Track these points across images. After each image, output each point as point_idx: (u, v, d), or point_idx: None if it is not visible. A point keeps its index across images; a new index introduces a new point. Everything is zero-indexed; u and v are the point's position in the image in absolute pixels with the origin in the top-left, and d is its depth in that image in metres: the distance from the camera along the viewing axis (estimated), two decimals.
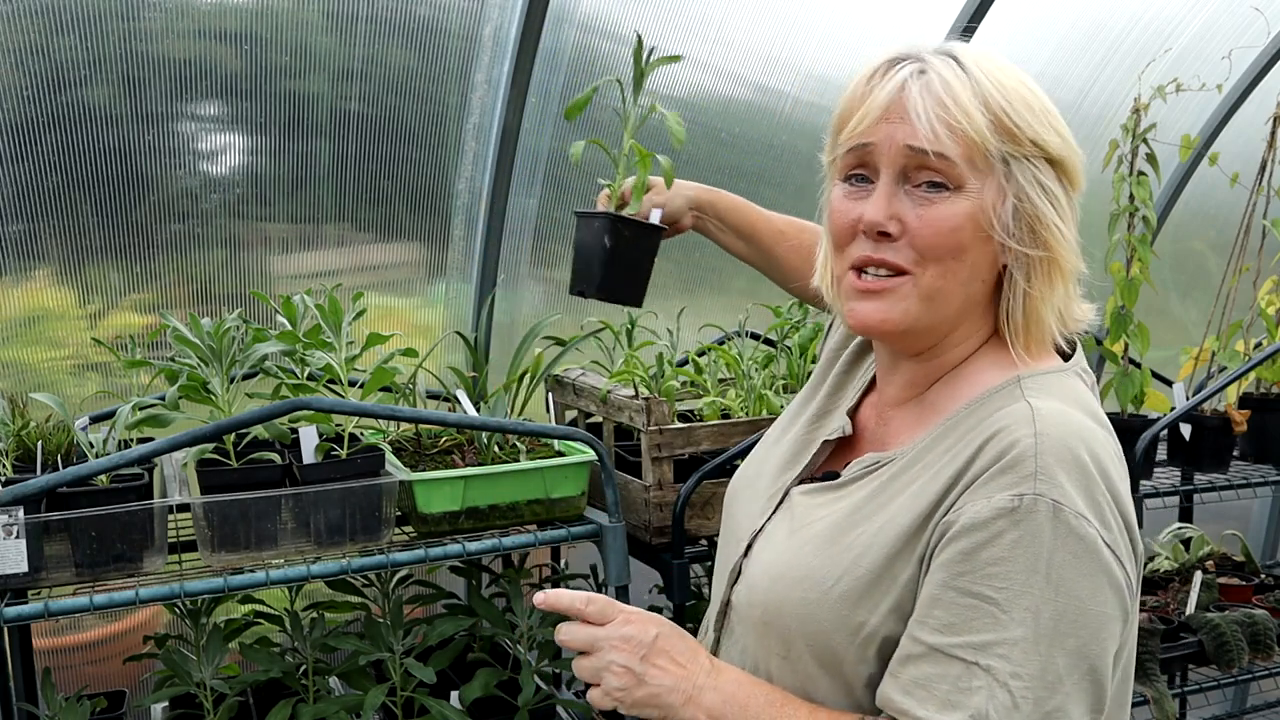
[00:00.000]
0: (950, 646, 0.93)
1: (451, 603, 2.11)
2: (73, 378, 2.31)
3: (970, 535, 0.93)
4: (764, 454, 1.29)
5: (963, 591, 0.93)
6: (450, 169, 2.57)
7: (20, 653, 1.85)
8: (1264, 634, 2.44)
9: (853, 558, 1.02)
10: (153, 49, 2.17)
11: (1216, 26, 3.32)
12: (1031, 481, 0.93)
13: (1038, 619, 0.91)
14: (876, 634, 1.00)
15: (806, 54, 2.87)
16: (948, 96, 0.99)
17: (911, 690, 0.95)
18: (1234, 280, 2.59)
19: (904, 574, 0.99)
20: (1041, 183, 1.02)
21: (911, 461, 1.05)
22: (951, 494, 0.98)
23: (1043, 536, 0.91)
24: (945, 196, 1.01)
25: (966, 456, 0.99)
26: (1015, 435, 0.96)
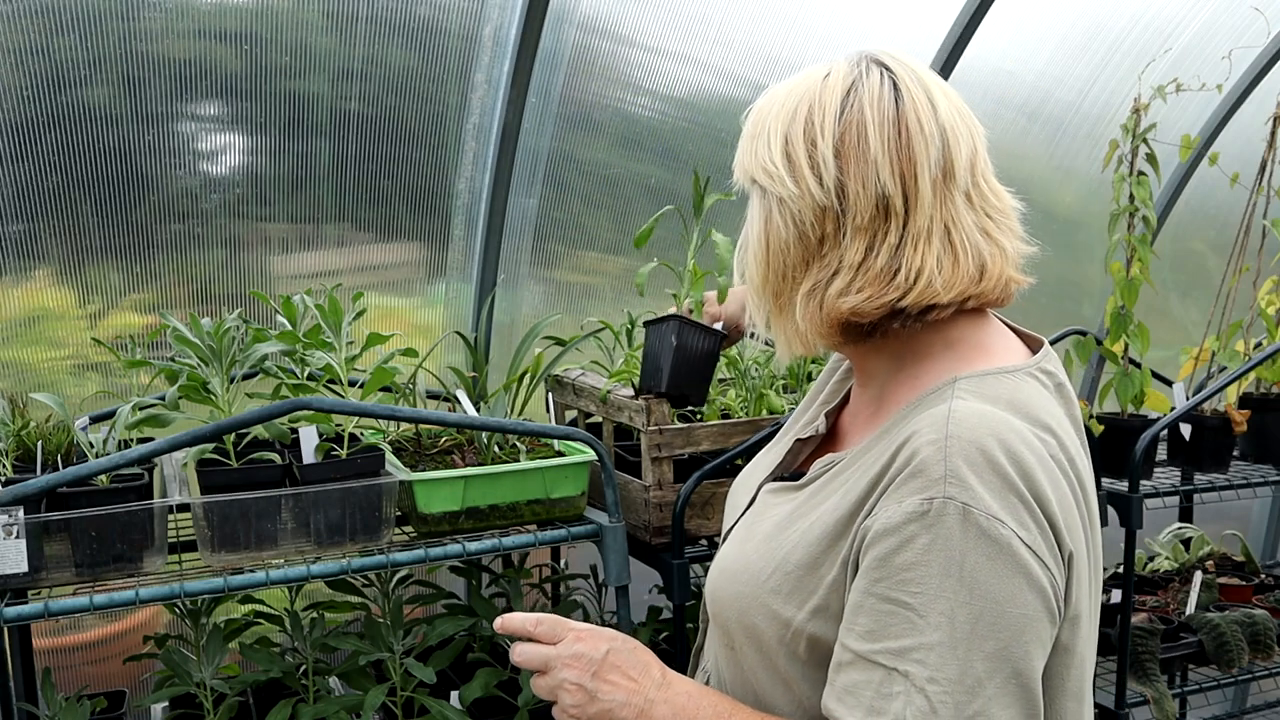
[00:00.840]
0: (872, 653, 0.93)
1: (451, 603, 2.11)
2: (73, 378, 2.31)
3: (884, 541, 0.94)
4: (762, 456, 1.32)
5: (881, 598, 0.94)
6: (450, 169, 2.57)
7: (20, 653, 1.85)
8: (1264, 634, 2.44)
9: (784, 554, 1.05)
10: (153, 49, 2.17)
11: (1216, 26, 3.32)
12: (941, 485, 0.93)
13: (953, 622, 0.90)
14: (803, 632, 1.02)
15: (807, 54, 2.87)
16: None
17: (843, 698, 0.95)
18: (1234, 280, 2.59)
19: (828, 575, 1.01)
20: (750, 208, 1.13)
21: (850, 462, 1.07)
22: (871, 497, 0.99)
23: (954, 540, 0.91)
24: None
25: (886, 460, 0.99)
26: (926, 438, 0.96)
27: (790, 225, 1.05)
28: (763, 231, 1.08)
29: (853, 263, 1.04)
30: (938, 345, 1.08)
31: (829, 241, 1.05)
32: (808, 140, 1.05)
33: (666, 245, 2.97)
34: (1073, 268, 3.61)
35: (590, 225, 2.84)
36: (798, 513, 1.08)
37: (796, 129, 1.06)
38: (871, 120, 1.03)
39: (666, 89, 2.78)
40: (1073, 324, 2.87)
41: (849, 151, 1.03)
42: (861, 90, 1.04)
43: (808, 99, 1.06)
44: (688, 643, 2.07)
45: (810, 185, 1.04)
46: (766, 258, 1.08)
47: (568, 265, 2.85)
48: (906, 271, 1.02)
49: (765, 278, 1.09)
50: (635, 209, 2.86)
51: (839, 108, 1.04)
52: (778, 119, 1.08)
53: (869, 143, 1.02)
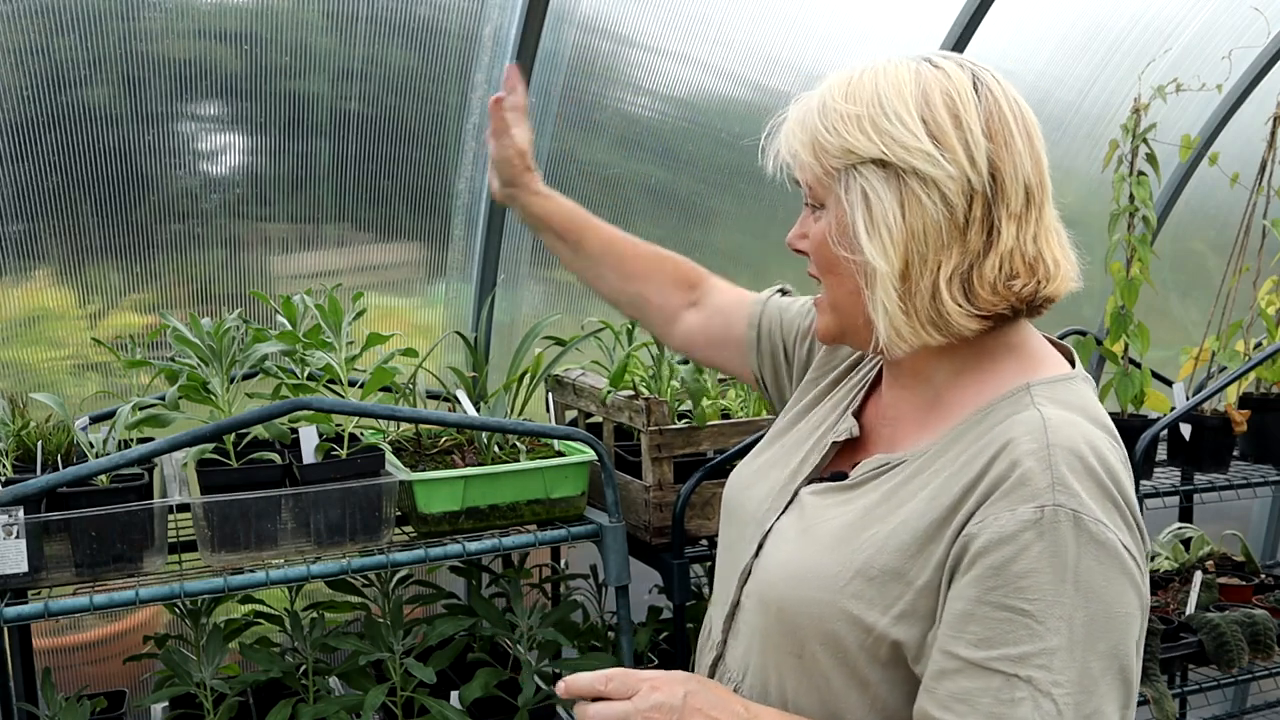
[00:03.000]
0: (988, 660, 0.94)
1: (451, 603, 2.11)
2: (73, 378, 2.31)
3: (999, 550, 0.95)
4: (762, 457, 1.30)
5: (996, 605, 0.95)
6: (450, 169, 2.57)
7: (20, 653, 1.85)
8: (1264, 634, 2.44)
9: (865, 558, 1.03)
10: (153, 49, 2.17)
11: (1216, 26, 3.32)
12: (1050, 493, 0.95)
13: (1071, 627, 0.93)
14: (886, 637, 1.01)
15: (806, 54, 2.87)
16: (782, 131, 1.12)
17: (951, 705, 0.96)
18: (1234, 280, 2.59)
19: (919, 579, 1.01)
20: (864, 189, 1.05)
21: (924, 465, 1.07)
22: (967, 503, 1.00)
23: (1067, 546, 0.94)
24: (819, 215, 1.11)
25: (980, 466, 1.00)
26: (1028, 447, 0.98)
27: (939, 205, 1.03)
28: (900, 212, 1.03)
29: (1006, 249, 1.04)
30: (1001, 349, 1.10)
31: (975, 226, 1.04)
32: (954, 122, 1.03)
33: (667, 245, 2.97)
34: None
35: None
36: (871, 516, 1.06)
37: (938, 110, 1.03)
38: (1008, 110, 1.05)
39: (666, 89, 2.78)
40: (1073, 324, 2.87)
41: (996, 137, 1.04)
42: (984, 81, 1.06)
43: (935, 83, 1.04)
44: (688, 643, 2.07)
45: (965, 166, 1.02)
46: (906, 240, 1.03)
47: None
48: (1047, 262, 1.06)
49: (904, 261, 1.04)
50: (635, 209, 2.86)
51: (975, 95, 1.04)
52: (902, 99, 1.04)
53: (1011, 131, 1.04)
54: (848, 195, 1.06)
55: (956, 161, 1.02)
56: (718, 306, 1.47)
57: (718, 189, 2.93)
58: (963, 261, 1.04)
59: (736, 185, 2.93)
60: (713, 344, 1.47)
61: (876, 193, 1.04)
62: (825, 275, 1.12)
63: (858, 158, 1.05)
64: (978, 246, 1.04)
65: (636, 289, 1.50)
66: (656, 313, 1.50)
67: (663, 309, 1.49)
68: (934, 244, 1.04)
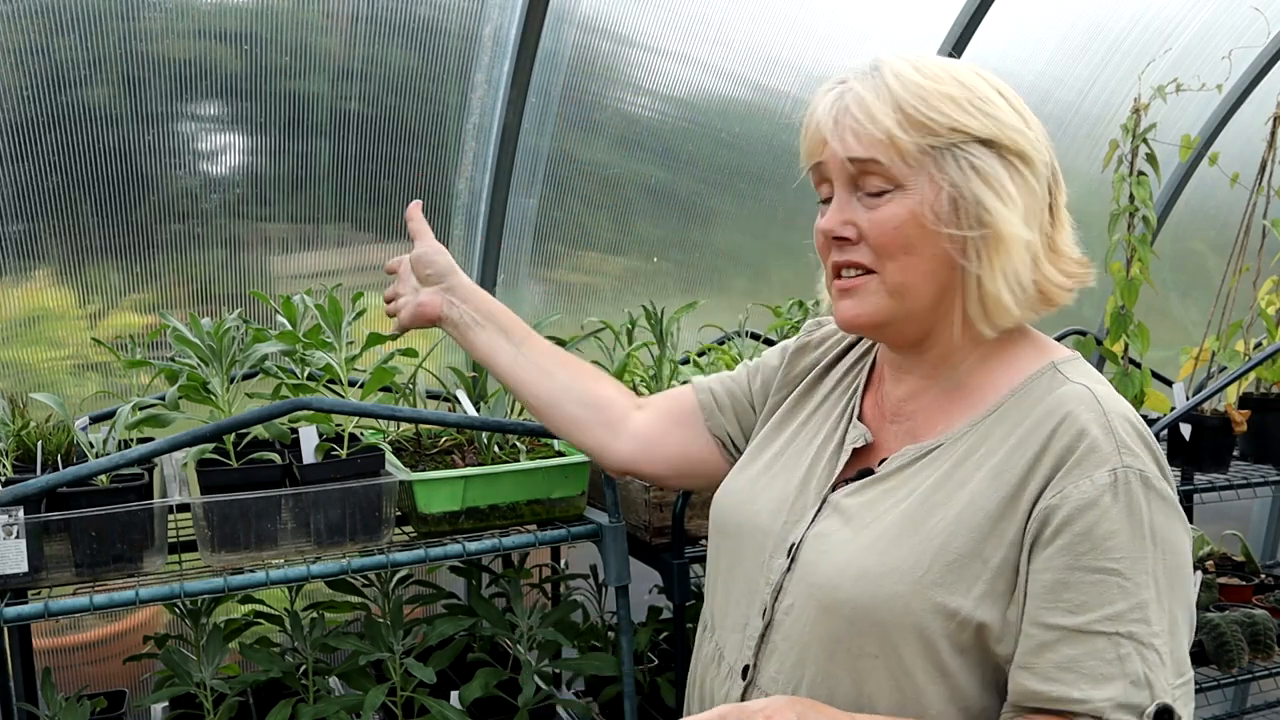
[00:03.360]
0: (1088, 624, 0.98)
1: (451, 603, 2.11)
2: (73, 378, 2.31)
3: (1083, 516, 1.00)
4: (749, 472, 1.28)
5: (1088, 569, 0.99)
6: (450, 169, 2.58)
7: (20, 653, 1.85)
8: (1264, 634, 2.44)
9: (939, 544, 1.05)
10: (153, 49, 2.17)
11: (1216, 26, 3.32)
12: (1118, 456, 1.01)
13: (1156, 579, 0.99)
14: (971, 621, 1.03)
15: (806, 54, 2.87)
16: (858, 108, 1.09)
17: (1056, 675, 0.99)
18: (1234, 280, 2.59)
19: (995, 556, 1.03)
20: (975, 166, 1.08)
21: (971, 448, 1.10)
22: (1035, 477, 1.03)
23: (1140, 504, 1.00)
24: (889, 198, 1.09)
25: (1040, 440, 1.04)
26: (1088, 416, 1.04)
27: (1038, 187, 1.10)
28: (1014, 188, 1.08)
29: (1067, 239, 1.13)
30: (1016, 336, 1.16)
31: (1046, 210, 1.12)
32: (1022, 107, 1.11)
33: (667, 245, 2.98)
34: None
35: (590, 225, 2.84)
36: (931, 503, 1.07)
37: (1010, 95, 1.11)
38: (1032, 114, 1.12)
39: (666, 89, 2.78)
40: (1073, 324, 2.87)
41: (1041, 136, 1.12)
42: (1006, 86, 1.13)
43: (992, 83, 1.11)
44: (688, 642, 2.07)
45: (1045, 149, 1.11)
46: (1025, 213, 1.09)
47: (568, 265, 2.85)
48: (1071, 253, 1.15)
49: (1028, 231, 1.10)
50: (635, 209, 2.86)
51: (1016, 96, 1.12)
52: (980, 80, 1.10)
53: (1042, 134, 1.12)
54: (950, 173, 1.07)
55: (1043, 144, 1.11)
56: (659, 403, 1.45)
57: (718, 189, 2.93)
58: (1044, 242, 1.12)
59: (736, 185, 2.93)
60: (666, 431, 1.42)
61: (988, 166, 1.08)
62: (894, 256, 1.10)
63: (966, 136, 1.07)
64: (1049, 230, 1.12)
65: (587, 385, 1.44)
66: (607, 409, 1.43)
67: (614, 405, 1.43)
68: (1035, 222, 1.10)
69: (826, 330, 1.38)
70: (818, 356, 1.35)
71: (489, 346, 1.46)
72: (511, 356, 1.45)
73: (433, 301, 1.48)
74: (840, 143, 1.09)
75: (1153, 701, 0.97)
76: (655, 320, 2.08)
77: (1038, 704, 1.00)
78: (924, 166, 1.07)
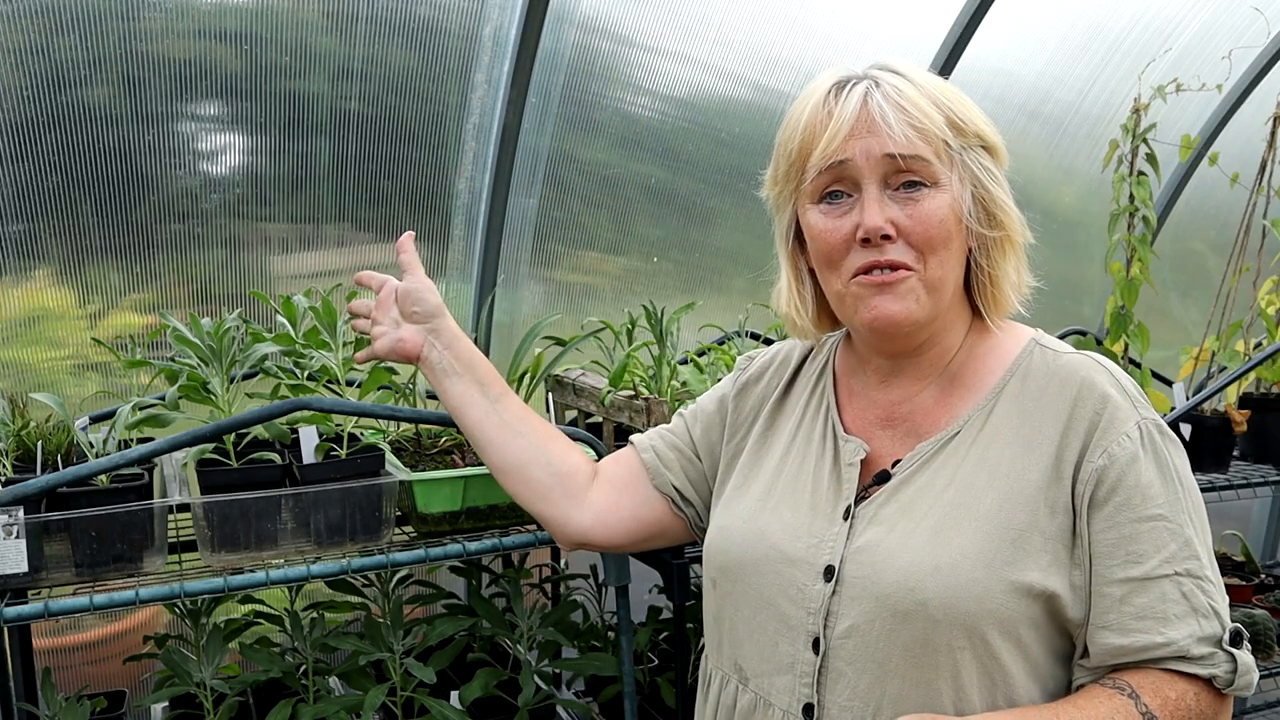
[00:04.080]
0: (1152, 571, 1.04)
1: (451, 603, 2.11)
2: (73, 378, 2.31)
3: (1132, 471, 1.06)
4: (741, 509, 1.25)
5: (1143, 519, 1.05)
6: (450, 169, 2.58)
7: (20, 653, 1.85)
8: (1264, 634, 2.44)
9: (999, 523, 1.07)
10: (153, 49, 2.17)
11: (1216, 26, 3.32)
12: (1135, 411, 1.09)
13: (1191, 517, 1.07)
14: (1044, 591, 1.05)
15: (807, 54, 2.87)
16: (907, 103, 1.10)
17: (1136, 625, 1.04)
18: (1234, 280, 2.59)
19: (1051, 525, 1.07)
20: (987, 168, 1.15)
21: (991, 430, 1.13)
22: (1072, 444, 1.08)
23: (1163, 451, 1.09)
24: (926, 193, 1.11)
25: (1065, 410, 1.10)
26: (1102, 380, 1.11)
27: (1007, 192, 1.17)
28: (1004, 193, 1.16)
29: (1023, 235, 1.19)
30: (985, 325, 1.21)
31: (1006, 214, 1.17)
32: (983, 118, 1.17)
33: (667, 245, 2.98)
34: (1073, 268, 3.61)
35: (590, 225, 2.84)
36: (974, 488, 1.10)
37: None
38: None
39: (666, 89, 2.78)
40: (1073, 324, 2.87)
41: None
42: None
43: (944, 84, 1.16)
44: (688, 642, 2.07)
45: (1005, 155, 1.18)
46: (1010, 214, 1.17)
47: (568, 265, 2.85)
48: None
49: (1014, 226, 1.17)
50: (635, 209, 2.86)
51: None
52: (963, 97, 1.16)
53: None
54: (971, 173, 1.13)
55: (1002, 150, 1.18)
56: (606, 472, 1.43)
57: (718, 189, 2.93)
58: None
59: (736, 185, 2.93)
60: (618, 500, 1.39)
61: (996, 172, 1.15)
62: (936, 250, 1.12)
63: (982, 140, 1.14)
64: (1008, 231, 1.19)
65: (555, 451, 1.41)
66: (571, 478, 1.39)
67: (578, 474, 1.40)
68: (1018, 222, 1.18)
69: (761, 362, 1.38)
70: (765, 388, 1.35)
71: (462, 398, 1.42)
72: (483, 411, 1.41)
73: (414, 340, 1.44)
74: (882, 139, 1.09)
75: (1224, 628, 1.05)
76: (655, 320, 2.08)
77: (1125, 658, 1.04)
78: (954, 165, 1.12)
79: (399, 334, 1.45)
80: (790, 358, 1.36)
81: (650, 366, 2.06)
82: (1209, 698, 1.05)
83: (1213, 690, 1.05)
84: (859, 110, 1.10)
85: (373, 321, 1.49)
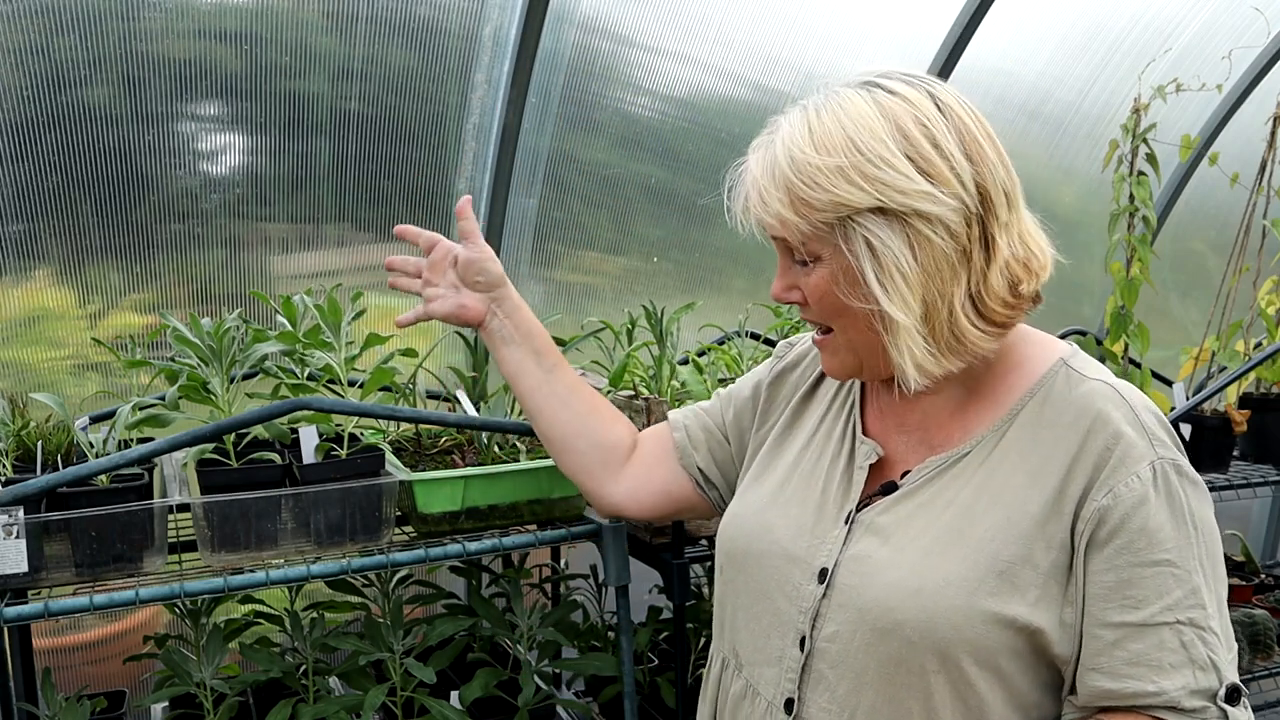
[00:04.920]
0: (1151, 617, 1.00)
1: (451, 603, 2.11)
2: (73, 378, 2.31)
3: (1138, 514, 1.01)
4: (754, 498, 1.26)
5: (1146, 564, 1.01)
6: (450, 169, 2.58)
7: (20, 653, 1.85)
8: (1264, 634, 2.44)
9: (989, 553, 1.04)
10: (153, 49, 2.17)
11: (1216, 26, 3.32)
12: (1152, 450, 1.04)
13: (1202, 564, 1.02)
14: (1028, 626, 1.03)
15: (806, 54, 2.87)
16: (754, 190, 1.10)
17: (1128, 672, 1.00)
18: (1234, 280, 2.59)
19: (1045, 560, 1.04)
20: (869, 239, 1.04)
21: (1001, 454, 1.10)
22: (1076, 479, 1.04)
23: (1179, 493, 1.03)
24: (810, 268, 1.10)
25: (1076, 441, 1.05)
26: (1118, 414, 1.05)
27: (947, 239, 1.04)
28: (913, 257, 1.04)
29: (1004, 258, 1.07)
30: (1018, 338, 1.16)
31: (975, 246, 1.06)
32: (936, 152, 1.04)
33: (667, 245, 2.98)
34: (1073, 268, 3.60)
35: (590, 225, 2.84)
36: (973, 512, 1.07)
37: (919, 143, 1.03)
38: (971, 123, 1.07)
39: (666, 89, 2.78)
40: (1073, 324, 2.87)
41: (973, 155, 1.05)
42: (942, 99, 1.07)
43: (906, 115, 1.04)
44: (689, 642, 2.07)
45: (960, 193, 1.04)
46: (924, 282, 1.05)
47: (568, 265, 2.85)
48: (1035, 254, 1.11)
49: (923, 304, 1.06)
50: (635, 209, 2.86)
51: (941, 116, 1.05)
52: (879, 139, 1.03)
53: (981, 144, 1.06)
54: (849, 246, 1.06)
55: (953, 193, 1.04)
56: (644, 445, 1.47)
57: (718, 189, 2.93)
58: (970, 283, 1.07)
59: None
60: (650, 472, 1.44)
61: (882, 240, 1.04)
62: (834, 319, 1.13)
63: (852, 209, 1.04)
64: (981, 265, 1.07)
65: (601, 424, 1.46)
66: (613, 450, 1.45)
67: (619, 447, 1.46)
68: (948, 277, 1.05)
69: (801, 349, 1.38)
70: (799, 376, 1.35)
71: (519, 365, 1.47)
72: (537, 381, 1.46)
73: (477, 309, 1.47)
74: (754, 222, 1.12)
75: (1221, 684, 1.01)
76: (655, 320, 2.08)
77: (1113, 702, 1.02)
78: (829, 239, 1.07)
79: (461, 299, 1.47)
80: None
81: (650, 366, 2.06)
82: None
83: None
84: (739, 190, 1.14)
85: (425, 282, 1.50)
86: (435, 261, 1.49)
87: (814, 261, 1.09)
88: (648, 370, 2.05)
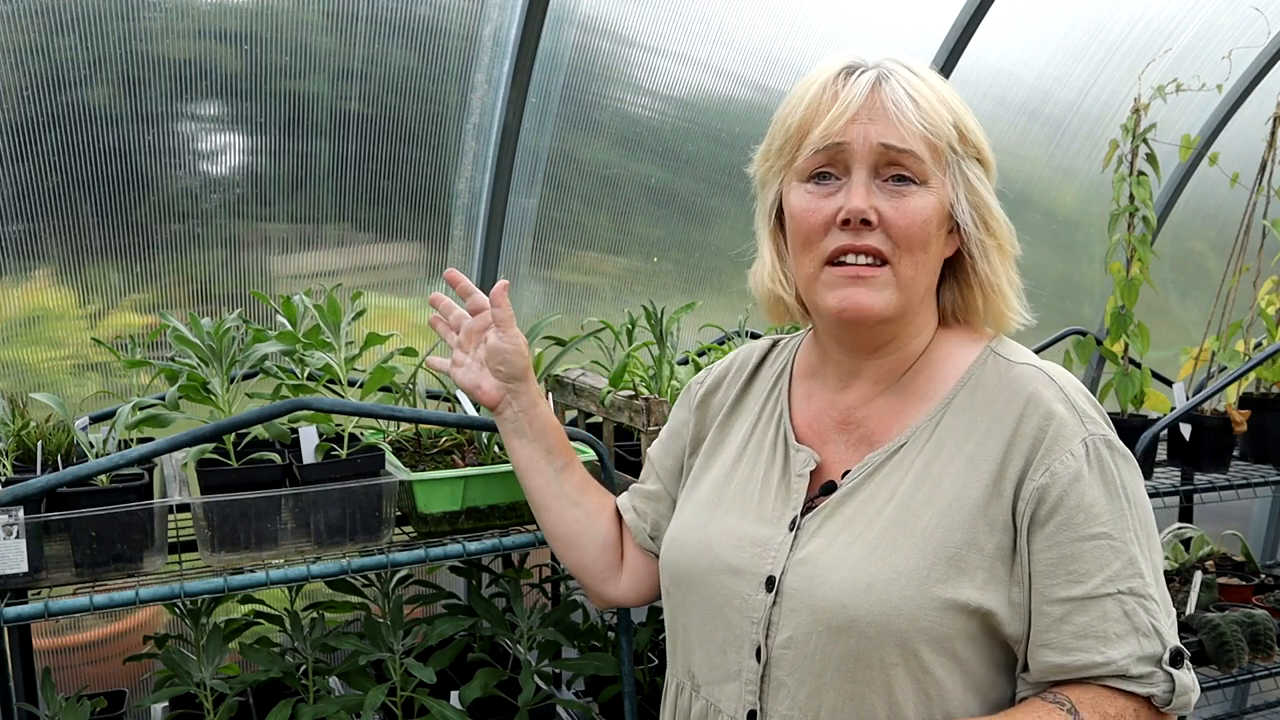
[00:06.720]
0: (1094, 590, 1.03)
1: (451, 603, 2.11)
2: (73, 378, 2.31)
3: (1074, 490, 1.04)
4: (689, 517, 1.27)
5: (1085, 538, 1.04)
6: (450, 169, 2.58)
7: (20, 653, 1.85)
8: (1264, 634, 2.44)
9: (936, 541, 1.06)
10: (153, 49, 2.17)
11: (1216, 26, 3.32)
12: (1082, 427, 1.06)
13: (1137, 534, 1.05)
14: (980, 609, 1.05)
15: (806, 54, 2.87)
16: (920, 98, 1.10)
17: (1075, 645, 1.03)
18: (1234, 280, 2.59)
19: (989, 543, 1.06)
20: (979, 178, 1.15)
21: (937, 442, 1.11)
22: (1014, 461, 1.07)
23: (1110, 467, 1.06)
24: (914, 190, 1.11)
25: (1010, 425, 1.08)
26: (1049, 394, 1.09)
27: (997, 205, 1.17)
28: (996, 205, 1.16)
29: None
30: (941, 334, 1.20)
31: None
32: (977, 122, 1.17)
33: (667, 245, 2.98)
34: (1073, 268, 3.61)
35: (590, 225, 2.84)
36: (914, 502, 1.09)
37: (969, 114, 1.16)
38: None
39: (666, 89, 2.78)
40: (1073, 324, 2.87)
41: None
42: None
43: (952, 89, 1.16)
44: None
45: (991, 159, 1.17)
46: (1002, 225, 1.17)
47: (568, 265, 2.85)
48: None
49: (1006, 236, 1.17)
50: (635, 209, 2.86)
51: None
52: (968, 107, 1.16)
53: None
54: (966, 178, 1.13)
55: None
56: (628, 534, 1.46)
57: (718, 189, 2.94)
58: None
59: (736, 185, 2.93)
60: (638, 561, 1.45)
61: (986, 184, 1.15)
62: (914, 251, 1.11)
63: (978, 153, 1.15)
64: None
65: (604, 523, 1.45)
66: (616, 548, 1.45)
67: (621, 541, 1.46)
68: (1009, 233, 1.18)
69: (718, 371, 1.39)
70: (722, 396, 1.36)
71: (529, 461, 1.46)
72: (546, 479, 1.46)
73: (492, 395, 1.46)
74: (882, 128, 1.09)
75: (1164, 648, 1.04)
76: (655, 320, 2.08)
77: (1064, 675, 1.04)
78: (946, 170, 1.12)
79: (478, 380, 1.47)
80: (748, 361, 1.37)
81: (650, 366, 2.06)
82: (1148, 715, 1.05)
83: (1151, 708, 1.05)
84: (866, 96, 1.10)
85: (458, 344, 1.50)
86: (471, 329, 1.48)
87: (919, 185, 1.11)
88: (648, 370, 2.05)
